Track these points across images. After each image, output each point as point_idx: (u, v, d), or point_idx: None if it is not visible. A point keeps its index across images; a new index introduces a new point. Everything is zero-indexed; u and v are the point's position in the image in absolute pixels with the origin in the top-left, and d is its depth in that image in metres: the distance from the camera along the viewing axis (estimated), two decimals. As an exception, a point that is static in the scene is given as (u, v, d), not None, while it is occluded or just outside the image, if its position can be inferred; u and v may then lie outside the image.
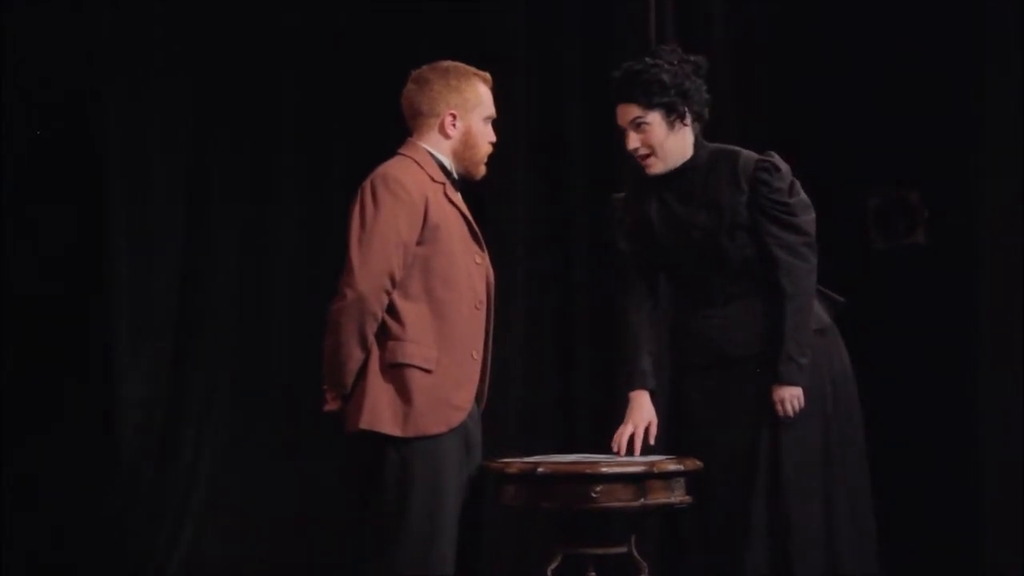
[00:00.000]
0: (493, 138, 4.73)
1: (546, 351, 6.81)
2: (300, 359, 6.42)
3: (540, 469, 4.72)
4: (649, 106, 4.96)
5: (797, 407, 4.91)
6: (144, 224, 6.87)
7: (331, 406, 4.59)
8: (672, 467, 4.78)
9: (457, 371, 4.54)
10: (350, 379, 4.51)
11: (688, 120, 5.00)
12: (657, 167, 5.01)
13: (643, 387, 5.02)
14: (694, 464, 4.84)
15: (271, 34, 7.03)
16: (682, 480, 4.82)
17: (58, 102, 6.85)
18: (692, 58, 5.03)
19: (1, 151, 6.78)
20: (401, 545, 4.46)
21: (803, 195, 5.00)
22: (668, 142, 4.99)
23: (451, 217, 4.60)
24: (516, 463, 4.82)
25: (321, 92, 7.05)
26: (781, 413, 4.90)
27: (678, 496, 4.81)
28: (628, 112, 4.99)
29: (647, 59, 5.00)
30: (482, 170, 4.74)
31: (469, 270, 4.61)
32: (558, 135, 6.87)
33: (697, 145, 5.04)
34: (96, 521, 6.77)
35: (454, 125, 4.66)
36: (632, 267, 5.11)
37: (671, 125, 4.98)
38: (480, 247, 4.67)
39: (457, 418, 4.53)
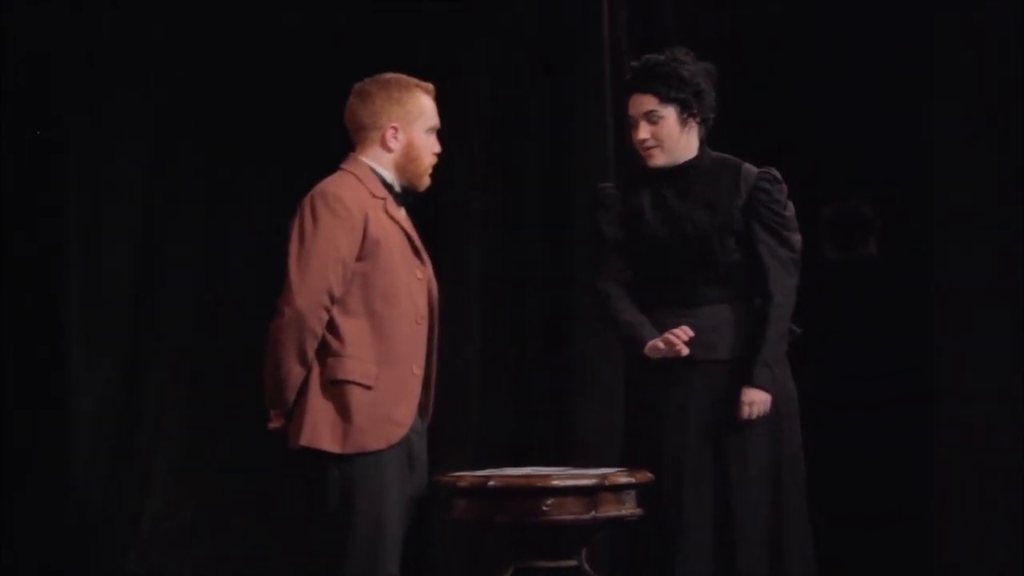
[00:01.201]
0: (437, 149, 4.69)
1: (500, 365, 6.80)
2: (254, 374, 6.39)
3: (491, 482, 4.72)
4: (666, 99, 4.99)
5: (762, 412, 4.91)
6: (97, 236, 6.83)
7: (275, 424, 4.56)
8: (623, 479, 4.77)
9: (397, 387, 4.50)
10: (291, 396, 4.47)
11: (697, 121, 5.02)
12: (659, 159, 5.03)
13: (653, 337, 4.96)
14: (645, 476, 4.83)
15: (271, 34, 6.99)
16: (633, 492, 4.81)
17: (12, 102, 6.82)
18: (704, 64, 5.07)
19: (1, 151, 6.73)
20: (347, 562, 4.42)
21: (794, 214, 5.04)
22: (679, 139, 5.01)
23: (391, 232, 4.56)
24: (467, 477, 4.82)
25: (322, 91, 6.98)
26: (746, 415, 4.90)
27: (629, 509, 4.79)
28: (644, 103, 5.01)
29: (667, 54, 5.03)
30: (426, 181, 4.69)
31: (410, 285, 4.57)
32: (513, 151, 6.88)
33: (701, 148, 5.07)
34: (50, 535, 6.72)
35: (396, 138, 4.62)
36: (613, 254, 5.09)
37: (683, 123, 5.01)
38: (422, 262, 4.63)
39: (397, 434, 4.48)
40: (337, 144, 5.60)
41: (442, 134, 4.72)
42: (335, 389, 4.45)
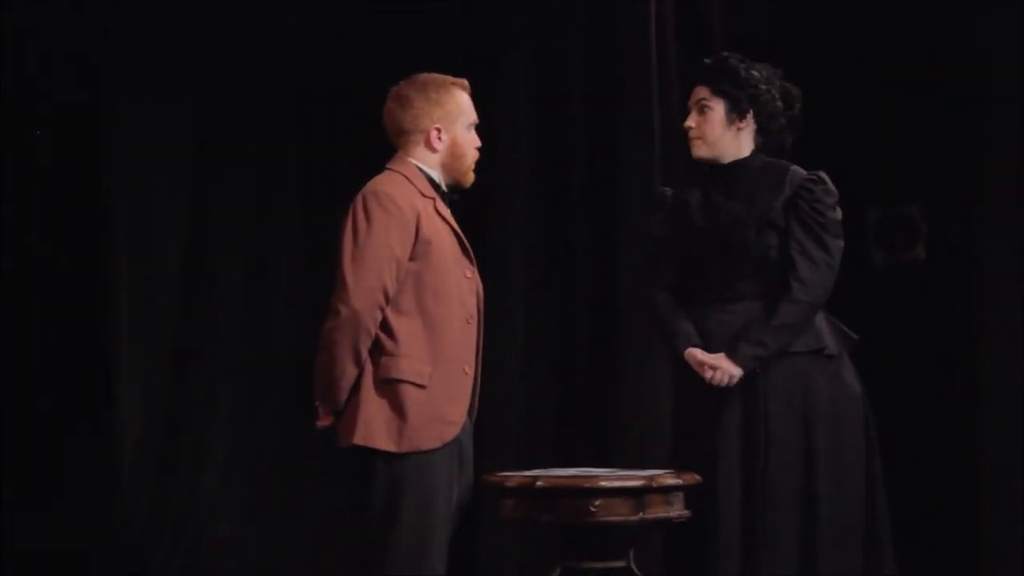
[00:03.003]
0: (479, 143, 4.72)
1: (545, 364, 6.81)
2: (299, 377, 6.43)
3: (539, 483, 4.72)
4: (717, 92, 5.06)
5: (721, 381, 4.89)
6: (144, 239, 6.87)
7: (324, 422, 4.56)
8: (671, 481, 4.78)
9: (450, 386, 4.52)
10: (344, 396, 4.49)
11: (750, 124, 5.06)
12: (701, 150, 5.09)
13: (693, 346, 4.99)
14: (692, 478, 4.83)
15: (271, 34, 7.01)
16: (681, 494, 4.81)
17: (58, 104, 6.83)
18: (788, 84, 5.12)
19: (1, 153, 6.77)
20: (391, 561, 4.44)
21: (839, 221, 5.03)
22: (723, 135, 5.06)
23: (442, 232, 4.59)
24: (515, 477, 4.82)
25: (321, 93, 7.03)
26: (707, 376, 4.90)
27: (677, 510, 4.80)
28: (698, 92, 5.10)
29: (739, 57, 5.09)
30: (471, 177, 4.72)
31: (460, 284, 4.59)
32: (559, 147, 6.88)
33: (754, 152, 5.10)
34: (96, 539, 6.75)
35: (440, 139, 4.65)
36: (660, 252, 5.13)
37: (730, 120, 5.06)
38: (470, 261, 4.65)
39: (450, 432, 4.51)
40: (332, 143, 5.68)
41: (483, 135, 4.74)
42: (389, 388, 4.47)
